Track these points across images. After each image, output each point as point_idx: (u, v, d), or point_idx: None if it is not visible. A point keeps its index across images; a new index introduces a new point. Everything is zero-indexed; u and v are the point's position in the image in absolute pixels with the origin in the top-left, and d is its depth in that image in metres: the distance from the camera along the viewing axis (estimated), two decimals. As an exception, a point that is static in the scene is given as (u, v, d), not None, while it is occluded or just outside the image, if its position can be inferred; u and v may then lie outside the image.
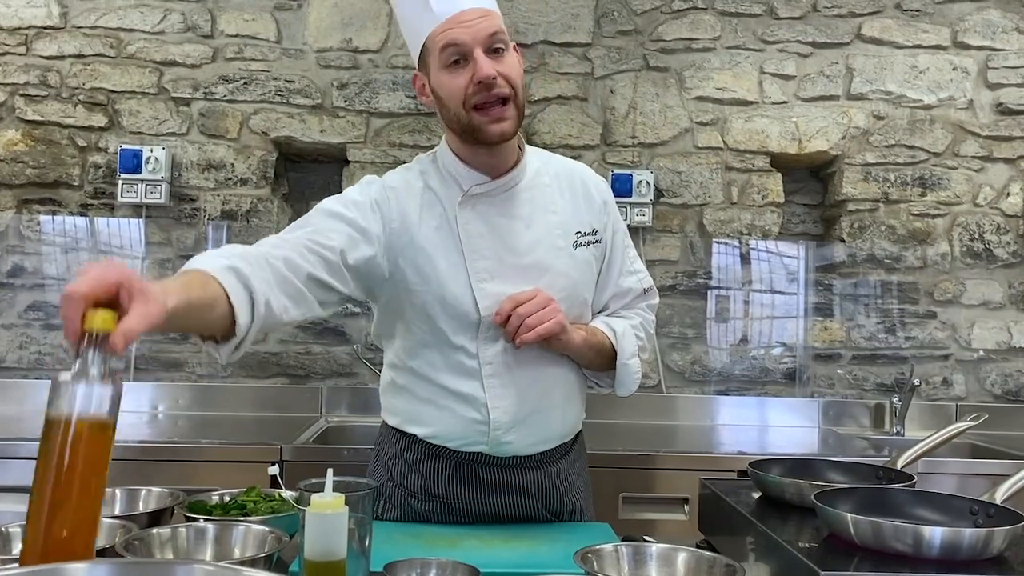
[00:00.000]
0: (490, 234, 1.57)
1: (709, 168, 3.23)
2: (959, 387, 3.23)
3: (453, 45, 1.47)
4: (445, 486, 1.62)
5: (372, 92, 3.19)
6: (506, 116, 1.50)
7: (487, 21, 1.48)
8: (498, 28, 1.49)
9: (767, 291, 3.29)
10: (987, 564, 1.17)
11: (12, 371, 3.11)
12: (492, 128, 1.50)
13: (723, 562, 1.21)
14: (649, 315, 1.80)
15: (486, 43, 1.47)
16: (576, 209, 1.66)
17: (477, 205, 1.58)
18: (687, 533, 2.00)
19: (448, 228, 1.57)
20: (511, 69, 1.50)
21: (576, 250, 1.63)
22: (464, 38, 1.46)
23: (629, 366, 1.67)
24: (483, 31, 1.47)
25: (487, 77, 1.46)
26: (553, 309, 1.53)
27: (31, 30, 3.16)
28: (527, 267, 1.58)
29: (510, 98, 1.50)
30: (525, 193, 1.62)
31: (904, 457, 1.66)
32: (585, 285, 1.66)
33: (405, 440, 1.66)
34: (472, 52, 1.47)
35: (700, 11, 3.26)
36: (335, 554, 1.12)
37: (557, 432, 1.66)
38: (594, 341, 1.64)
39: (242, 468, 2.36)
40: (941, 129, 3.25)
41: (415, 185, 1.60)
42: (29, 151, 3.13)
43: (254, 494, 1.50)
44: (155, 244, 3.16)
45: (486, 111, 1.49)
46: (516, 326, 1.51)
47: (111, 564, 0.95)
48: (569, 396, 1.67)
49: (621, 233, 1.75)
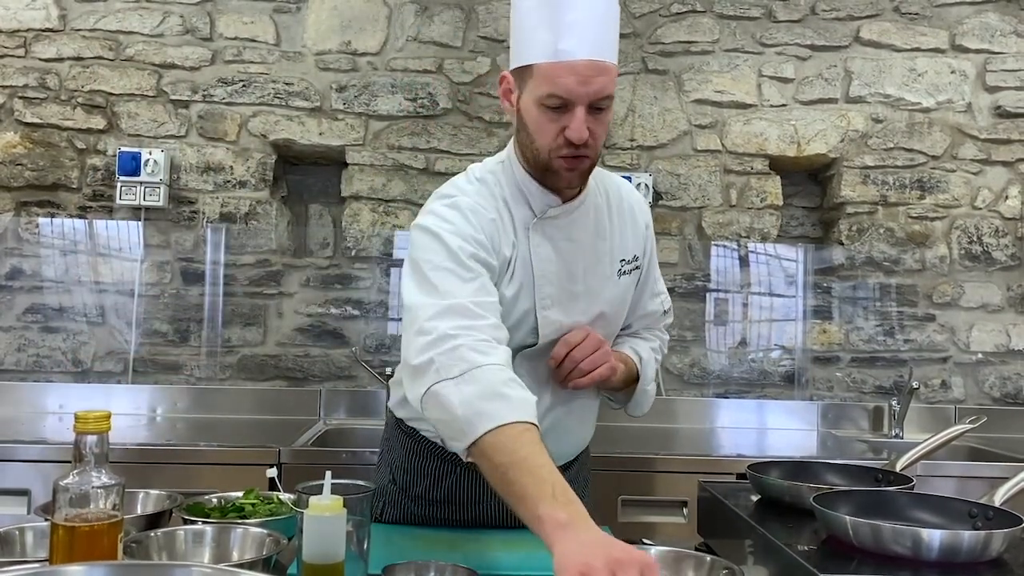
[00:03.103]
0: (556, 260, 1.53)
1: (708, 171, 3.23)
2: (958, 390, 3.23)
3: (559, 96, 1.39)
4: (447, 492, 1.62)
5: (371, 95, 3.19)
6: (583, 168, 1.46)
7: (602, 80, 1.39)
8: (610, 92, 1.41)
9: (766, 294, 3.28)
10: (986, 567, 1.17)
11: (10, 374, 3.11)
12: (567, 175, 1.46)
13: (722, 565, 1.20)
14: (665, 336, 1.83)
15: (593, 103, 1.40)
16: (623, 236, 1.63)
17: (546, 228, 1.53)
18: (686, 536, 2.01)
19: (518, 249, 1.51)
20: (601, 130, 1.44)
21: (620, 278, 1.62)
22: (574, 94, 1.38)
23: (648, 392, 1.70)
24: (596, 91, 1.39)
25: (579, 140, 1.40)
26: (605, 353, 1.52)
27: (30, 32, 3.16)
28: (580, 294, 1.56)
29: (592, 158, 1.47)
30: (583, 217, 1.57)
31: (903, 460, 1.66)
32: (622, 313, 1.67)
33: (413, 443, 1.65)
34: (575, 107, 1.39)
35: (699, 14, 3.26)
36: (333, 557, 1.12)
37: (567, 451, 1.66)
38: (626, 374, 1.64)
39: (240, 471, 2.36)
40: (939, 132, 3.25)
41: (495, 206, 1.52)
42: (28, 153, 3.13)
43: (252, 496, 1.49)
44: (154, 247, 3.15)
45: (567, 160, 1.44)
46: (569, 370, 1.50)
47: (109, 566, 0.95)
48: (584, 419, 1.69)
49: (655, 258, 1.75)
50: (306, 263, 3.20)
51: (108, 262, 3.15)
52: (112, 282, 3.15)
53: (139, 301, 3.14)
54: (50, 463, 2.33)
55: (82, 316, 3.14)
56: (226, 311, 3.16)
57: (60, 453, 2.33)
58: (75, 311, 3.14)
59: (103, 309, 3.15)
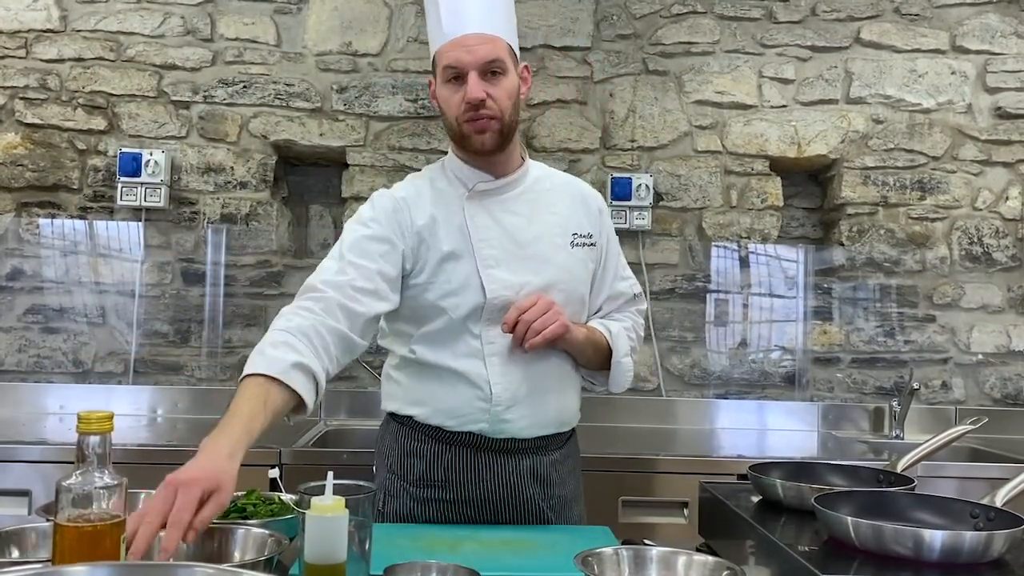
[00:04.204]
0: (495, 226, 1.70)
1: (708, 172, 3.23)
2: (958, 391, 3.23)
3: (452, 67, 1.62)
4: (444, 471, 1.68)
5: (372, 96, 3.20)
6: (488, 129, 1.63)
7: (487, 47, 1.61)
8: (496, 56, 1.62)
9: (766, 295, 3.29)
10: (987, 567, 1.17)
11: (11, 374, 3.11)
12: (477, 138, 1.64)
13: (723, 566, 1.20)
14: (639, 319, 1.91)
15: (482, 67, 1.61)
16: (574, 213, 1.78)
17: (483, 201, 1.71)
18: (687, 537, 2.01)
19: (457, 222, 1.69)
20: (500, 93, 1.63)
21: (573, 248, 1.75)
22: (461, 61, 1.61)
23: (622, 364, 1.78)
24: (481, 57, 1.60)
25: (474, 100, 1.60)
26: (555, 312, 1.64)
27: (31, 33, 3.16)
28: (529, 258, 1.69)
29: (497, 118, 1.63)
30: (527, 195, 1.75)
31: (904, 460, 1.67)
32: (581, 282, 1.77)
33: (404, 429, 1.74)
34: (467, 74, 1.60)
35: (699, 15, 3.26)
36: (335, 557, 1.12)
37: (553, 417, 1.73)
38: (593, 338, 1.76)
39: (242, 471, 2.31)
40: (940, 133, 3.25)
41: (423, 189, 1.73)
42: (28, 154, 3.13)
43: (254, 497, 1.50)
44: (154, 247, 3.15)
45: (473, 123, 1.63)
46: (523, 332, 1.61)
47: (111, 567, 0.95)
48: (565, 383, 1.76)
49: (614, 242, 1.88)
50: (307, 264, 3.20)
51: (109, 263, 3.16)
52: (113, 283, 3.15)
53: (140, 302, 3.14)
54: (50, 464, 2.33)
55: (83, 317, 3.14)
56: (227, 312, 3.16)
57: (60, 454, 2.34)
58: (76, 312, 3.14)
59: (104, 310, 3.15)
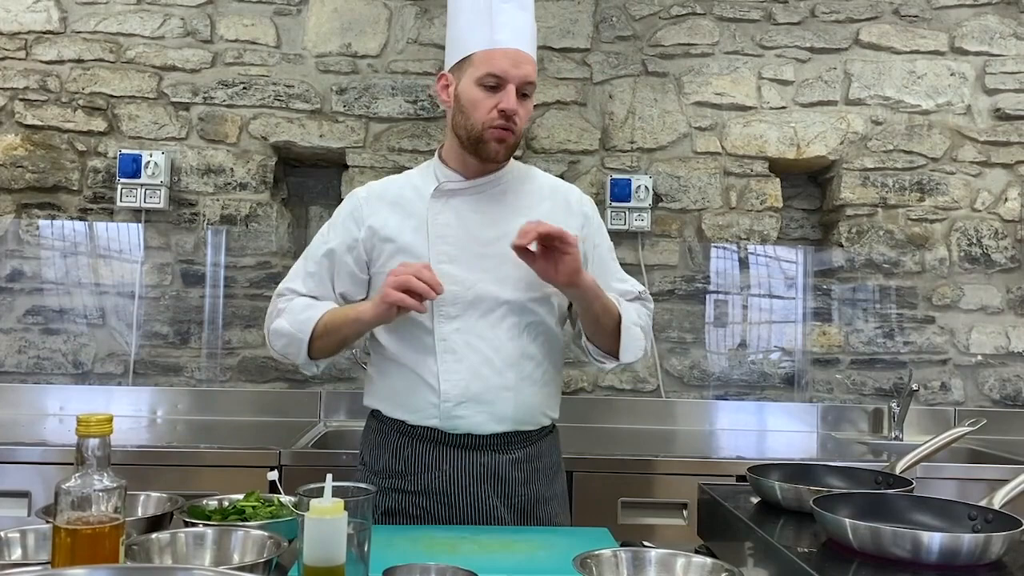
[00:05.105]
0: (457, 224, 1.75)
1: (708, 173, 3.24)
2: (957, 392, 3.23)
3: (496, 75, 1.69)
4: (404, 463, 1.76)
5: (371, 97, 3.20)
6: (506, 140, 1.72)
7: (528, 68, 1.72)
8: (533, 79, 1.73)
9: (765, 296, 3.29)
10: (986, 569, 1.17)
11: (11, 375, 3.11)
12: (496, 147, 1.71)
13: (722, 567, 1.21)
14: (646, 310, 1.90)
15: (521, 85, 1.70)
16: (552, 216, 1.72)
17: (451, 200, 1.77)
18: (686, 538, 2.01)
19: (421, 219, 1.76)
20: (525, 114, 1.73)
21: None
22: (508, 73, 1.68)
23: (632, 330, 1.78)
24: (524, 75, 1.70)
25: (510, 110, 1.68)
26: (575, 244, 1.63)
27: (31, 35, 3.16)
28: (488, 256, 1.73)
29: (516, 134, 1.73)
30: (502, 196, 1.80)
31: (903, 462, 1.67)
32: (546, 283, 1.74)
33: (378, 424, 1.83)
34: (507, 85, 1.68)
35: (699, 17, 3.27)
36: (334, 559, 1.12)
37: (509, 414, 1.73)
38: (602, 293, 1.75)
39: (241, 473, 2.36)
40: (939, 134, 3.26)
41: (392, 186, 1.83)
42: (28, 155, 3.14)
43: (253, 499, 1.50)
44: (154, 249, 3.16)
45: (499, 131, 1.70)
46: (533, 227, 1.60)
47: (111, 569, 0.95)
48: (525, 380, 1.75)
49: (606, 248, 1.90)
50: (306, 265, 3.20)
51: (109, 264, 3.16)
52: (112, 284, 3.15)
53: (139, 303, 3.14)
54: (50, 465, 2.32)
55: (83, 318, 3.15)
56: (226, 313, 3.17)
57: (60, 455, 2.33)
58: (76, 313, 3.14)
59: (104, 311, 3.15)
